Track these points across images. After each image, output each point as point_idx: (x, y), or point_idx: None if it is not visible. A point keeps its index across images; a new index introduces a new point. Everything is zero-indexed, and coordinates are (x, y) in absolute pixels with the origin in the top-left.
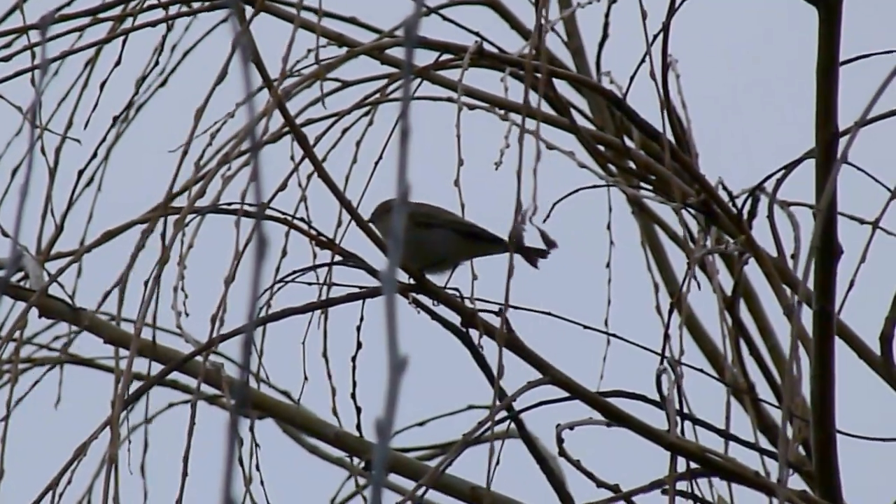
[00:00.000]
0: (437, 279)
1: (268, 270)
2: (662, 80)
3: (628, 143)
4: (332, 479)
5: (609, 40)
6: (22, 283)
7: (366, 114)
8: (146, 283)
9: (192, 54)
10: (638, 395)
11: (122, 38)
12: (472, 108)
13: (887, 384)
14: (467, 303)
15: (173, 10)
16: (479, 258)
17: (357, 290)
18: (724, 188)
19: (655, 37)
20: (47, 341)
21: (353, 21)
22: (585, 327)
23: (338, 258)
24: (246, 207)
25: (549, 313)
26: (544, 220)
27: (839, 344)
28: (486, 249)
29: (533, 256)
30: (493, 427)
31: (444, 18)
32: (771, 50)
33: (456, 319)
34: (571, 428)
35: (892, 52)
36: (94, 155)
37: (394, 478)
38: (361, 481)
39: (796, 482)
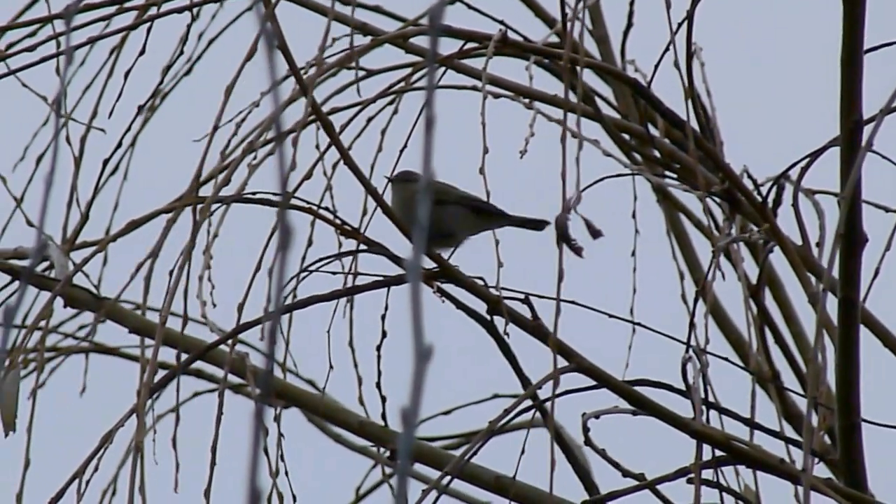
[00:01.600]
0: (445, 254)
1: (293, 259)
2: (687, 68)
3: (653, 131)
4: (357, 469)
5: (634, 29)
6: (47, 273)
7: (390, 102)
8: (171, 273)
9: (217, 43)
10: (663, 383)
11: (146, 26)
12: (496, 96)
13: None
14: (492, 291)
15: None
16: (491, 233)
17: (382, 278)
18: (749, 176)
19: (680, 25)
20: (72, 330)
21: (377, 10)
22: (611, 316)
23: (363, 247)
24: (271, 196)
25: (574, 302)
26: (571, 209)
27: (864, 332)
28: (491, 223)
29: (577, 247)
30: (519, 415)
31: (469, 7)
32: (795, 38)
33: (481, 307)
34: (597, 417)
35: None
36: (120, 144)
37: (419, 467)
38: (387, 470)
39: (821, 470)
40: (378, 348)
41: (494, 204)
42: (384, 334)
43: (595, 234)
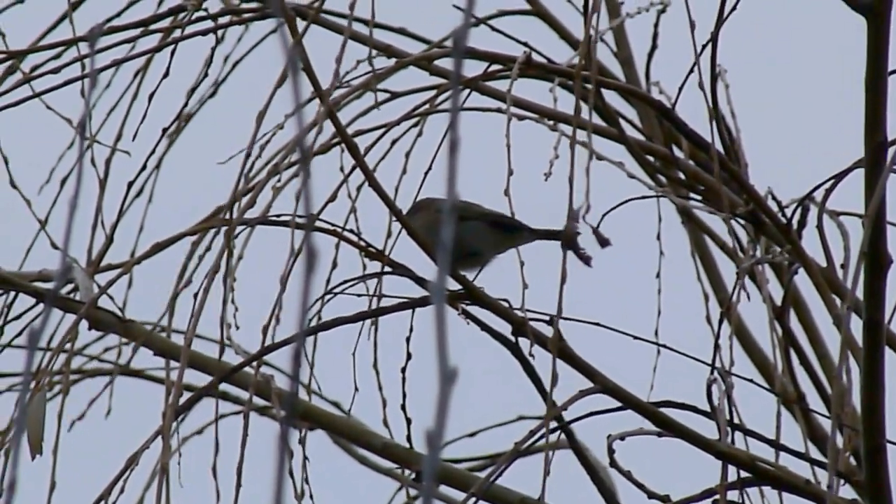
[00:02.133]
0: (471, 275)
1: (318, 282)
2: (711, 90)
3: (677, 153)
4: (382, 491)
5: (658, 50)
6: (72, 295)
7: (415, 125)
8: (195, 296)
9: (242, 65)
10: (688, 405)
11: (170, 49)
12: (520, 118)
13: None
14: (517, 312)
15: (223, 20)
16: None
17: (407, 300)
18: (774, 198)
19: (704, 47)
20: (97, 353)
21: (401, 31)
22: (635, 338)
23: (387, 269)
24: (296, 219)
25: (598, 324)
26: (594, 226)
27: (889, 353)
28: (515, 240)
29: (585, 255)
30: (545, 437)
31: (493, 29)
32: (820, 59)
33: (506, 329)
34: (623, 438)
35: None
36: (144, 166)
37: (444, 489)
38: (412, 492)
39: (846, 491)
40: (403, 370)
41: (517, 218)
42: (409, 356)
43: (603, 242)
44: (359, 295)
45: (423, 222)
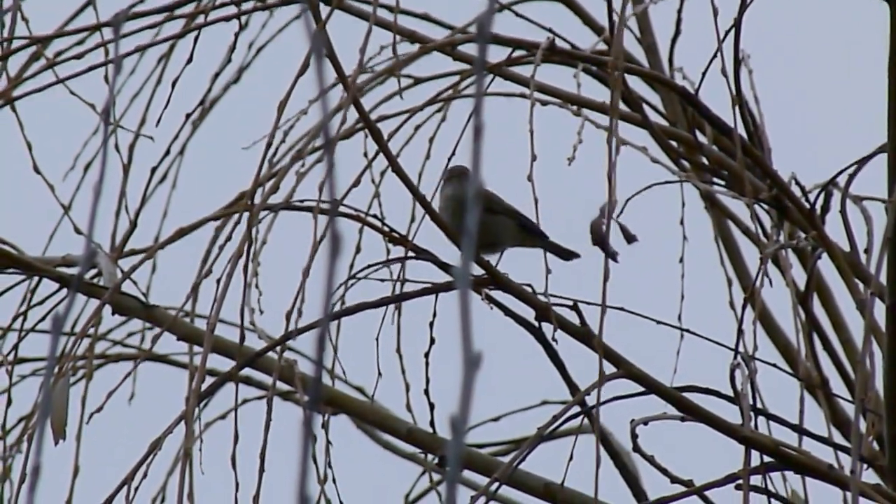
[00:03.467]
0: (491, 260)
1: (341, 267)
2: (735, 75)
3: (701, 138)
4: (406, 475)
5: (681, 36)
6: (96, 281)
7: (438, 110)
8: (219, 280)
9: (266, 51)
10: (712, 390)
11: (194, 34)
12: (544, 104)
13: None
14: (540, 297)
15: (247, 6)
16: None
17: (430, 285)
18: (797, 183)
19: (727, 33)
20: (121, 338)
21: (425, 17)
22: (659, 322)
23: (411, 254)
24: (320, 204)
25: (622, 308)
26: (618, 216)
27: None
28: (533, 242)
29: (612, 251)
30: (567, 422)
31: (517, 14)
32: (843, 45)
33: (529, 314)
34: (646, 423)
35: None
36: (168, 152)
37: (467, 473)
38: (435, 477)
39: (870, 476)
40: (426, 355)
41: (538, 226)
42: (432, 341)
43: (630, 238)
44: (382, 280)
45: (447, 195)
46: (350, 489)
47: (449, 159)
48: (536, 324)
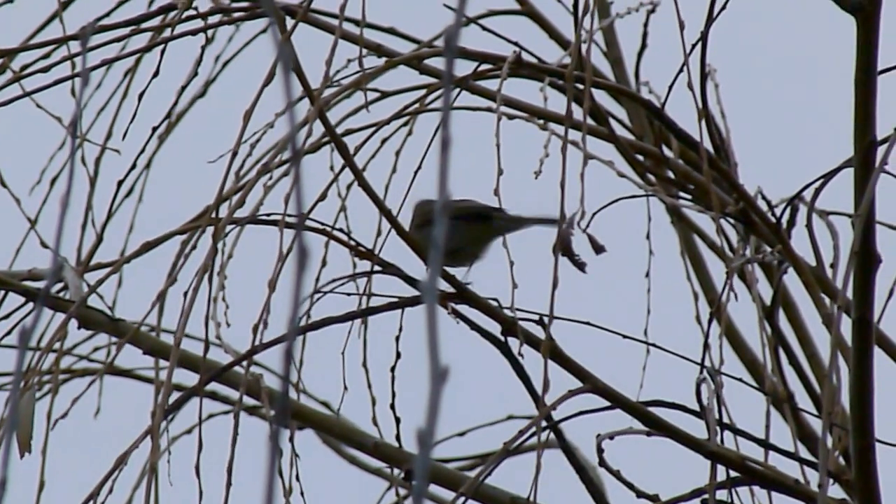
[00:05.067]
0: (457, 272)
1: (308, 281)
2: (701, 89)
3: (667, 152)
4: (372, 490)
5: (648, 50)
6: (61, 294)
7: (405, 124)
8: (185, 294)
9: (232, 65)
10: (678, 404)
11: (160, 48)
12: (511, 117)
13: None
14: (507, 312)
15: (213, 19)
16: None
17: (397, 299)
18: (763, 197)
19: (694, 46)
20: (87, 352)
21: (392, 31)
22: (625, 337)
23: (377, 268)
24: (287, 218)
25: (588, 323)
26: (586, 228)
27: (878, 353)
28: (492, 230)
29: (580, 262)
30: (537, 436)
31: (484, 28)
32: (809, 59)
33: (495, 328)
34: (612, 437)
35: None
36: (134, 165)
37: (434, 488)
38: (401, 492)
39: (836, 491)
40: (392, 369)
41: (490, 205)
42: (398, 355)
43: (598, 249)
44: (348, 294)
45: (414, 225)
46: None
47: (415, 173)
48: (503, 338)
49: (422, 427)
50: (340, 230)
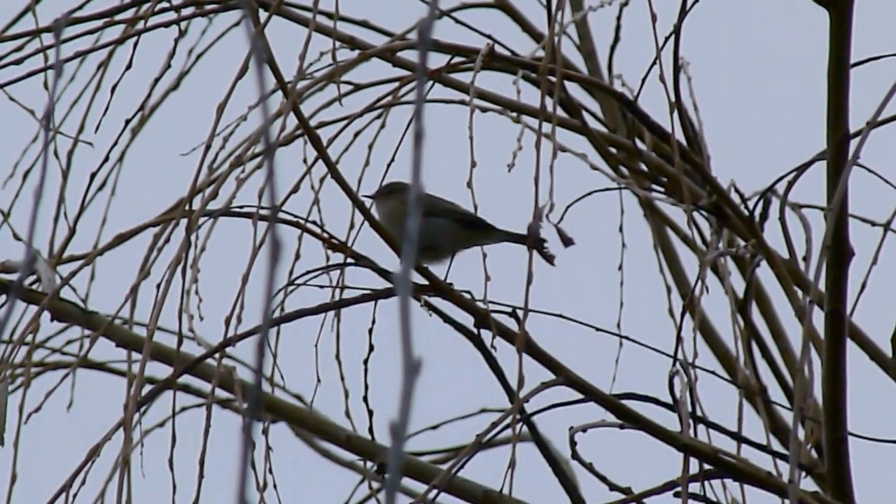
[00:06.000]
0: (435, 269)
1: (281, 273)
2: (674, 82)
3: (640, 145)
4: (344, 483)
5: (621, 43)
6: (34, 287)
7: (378, 116)
8: (158, 286)
9: (205, 57)
10: (650, 397)
11: (133, 40)
12: (484, 110)
13: None
14: (480, 304)
15: (186, 12)
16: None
17: (370, 291)
18: (736, 190)
19: (667, 39)
20: (60, 345)
21: (365, 24)
22: (598, 329)
23: (350, 260)
24: (260, 210)
25: (561, 315)
26: (557, 223)
27: (851, 346)
28: (479, 238)
29: (549, 254)
30: (509, 429)
31: (457, 21)
32: (782, 52)
33: (468, 321)
34: (584, 430)
35: None
36: (107, 158)
37: (406, 481)
38: (374, 485)
39: (808, 483)
40: (365, 362)
41: (482, 217)
42: (371, 348)
43: (566, 242)
44: (321, 286)
45: (387, 210)
46: (289, 496)
47: (388, 165)
48: (475, 331)
49: (395, 420)
50: (314, 223)
